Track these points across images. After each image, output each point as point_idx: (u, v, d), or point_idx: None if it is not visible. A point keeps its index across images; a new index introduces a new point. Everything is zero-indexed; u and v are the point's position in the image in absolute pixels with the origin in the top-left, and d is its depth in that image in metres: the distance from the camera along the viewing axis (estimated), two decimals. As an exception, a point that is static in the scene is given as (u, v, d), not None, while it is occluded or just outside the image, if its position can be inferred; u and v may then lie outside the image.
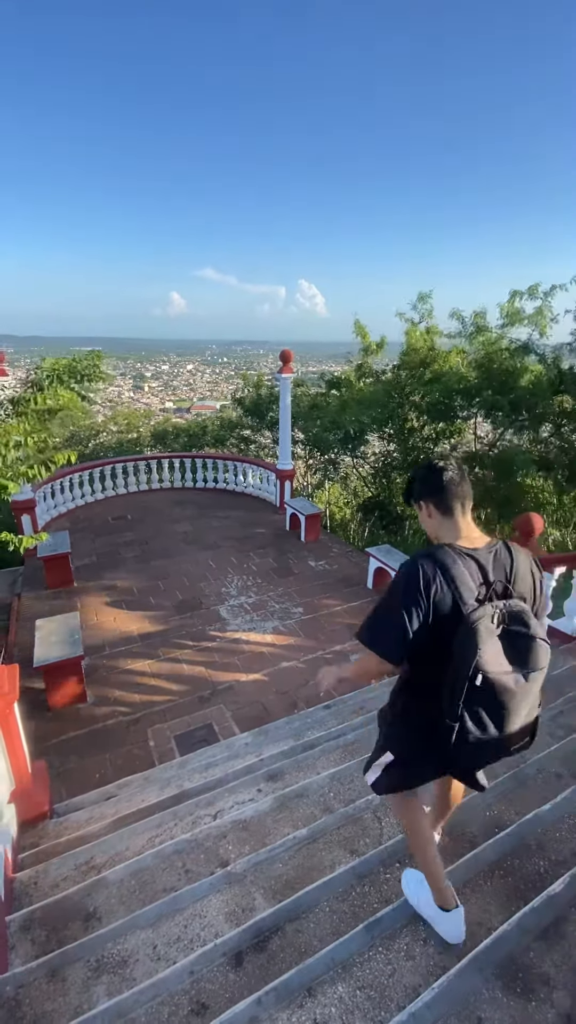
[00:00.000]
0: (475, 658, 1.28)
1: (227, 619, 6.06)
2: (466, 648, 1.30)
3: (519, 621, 1.34)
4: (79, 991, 1.84)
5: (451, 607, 1.35)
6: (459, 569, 1.37)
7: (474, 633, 1.29)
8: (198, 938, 2.01)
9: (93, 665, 5.15)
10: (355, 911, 2.02)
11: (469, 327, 12.92)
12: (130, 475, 10.60)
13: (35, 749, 3.69)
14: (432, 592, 1.34)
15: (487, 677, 1.29)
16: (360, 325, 15.15)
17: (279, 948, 1.89)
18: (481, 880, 2.06)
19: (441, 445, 14.66)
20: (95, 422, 21.70)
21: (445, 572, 1.36)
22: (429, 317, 14.06)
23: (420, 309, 14.07)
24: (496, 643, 1.32)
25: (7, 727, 2.81)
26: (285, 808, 2.72)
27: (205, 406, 59.69)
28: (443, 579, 1.35)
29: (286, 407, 9.49)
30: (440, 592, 1.34)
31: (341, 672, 1.73)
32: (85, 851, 2.63)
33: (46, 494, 8.96)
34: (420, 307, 14.02)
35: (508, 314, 12.25)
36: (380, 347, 15.50)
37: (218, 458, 11.37)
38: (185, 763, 3.73)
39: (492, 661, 1.30)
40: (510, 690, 1.31)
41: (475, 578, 1.38)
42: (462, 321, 13.05)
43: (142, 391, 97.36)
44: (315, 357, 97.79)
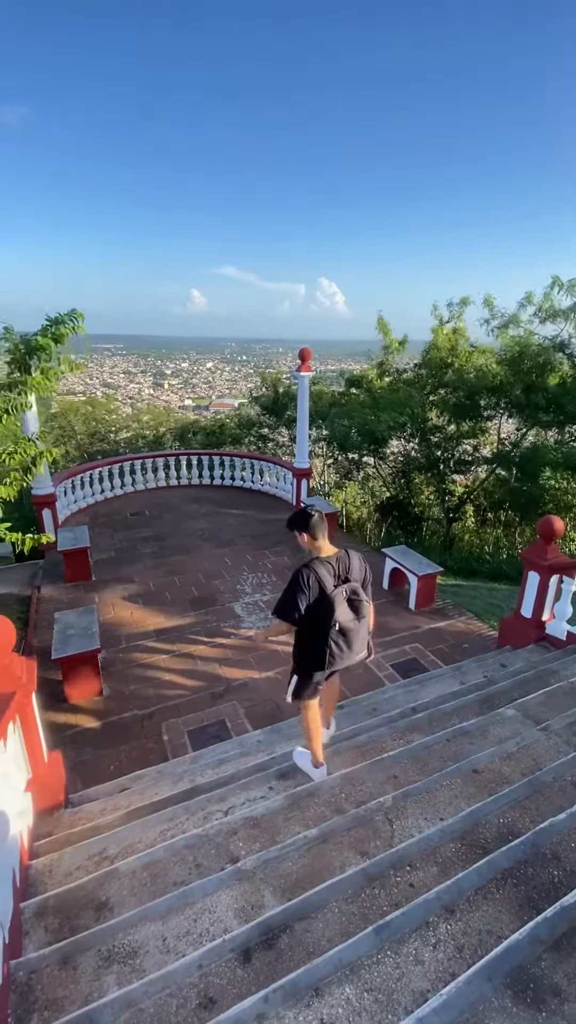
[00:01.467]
0: (334, 615, 2.49)
1: (242, 616, 6.08)
2: (331, 610, 2.48)
3: (355, 593, 2.57)
4: (90, 979, 1.87)
5: (320, 590, 2.51)
6: (322, 570, 2.53)
7: (333, 601, 2.49)
8: (207, 933, 2.02)
9: (109, 659, 5.22)
10: (364, 913, 2.01)
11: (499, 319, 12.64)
12: (149, 472, 10.71)
13: (51, 740, 3.76)
14: (311, 584, 2.50)
15: (341, 624, 2.51)
16: (383, 322, 15.02)
17: (287, 946, 1.90)
18: (493, 887, 2.03)
19: (464, 445, 14.48)
20: (118, 418, 21.99)
21: (316, 572, 2.52)
22: (459, 319, 13.87)
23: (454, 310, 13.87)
24: (345, 605, 2.53)
25: (25, 717, 2.86)
26: (296, 807, 2.73)
27: (223, 404, 59.95)
28: (315, 577, 2.51)
29: (304, 405, 9.48)
30: (314, 583, 2.50)
31: (267, 633, 2.89)
32: (98, 841, 2.67)
33: (67, 489, 9.11)
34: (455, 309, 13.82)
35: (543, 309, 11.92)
36: (403, 345, 15.35)
37: (235, 456, 11.41)
38: (198, 758, 3.76)
39: (343, 615, 2.52)
40: (353, 629, 2.57)
41: (331, 573, 2.55)
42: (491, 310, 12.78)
43: (162, 388, 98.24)
44: (334, 355, 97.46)
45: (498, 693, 3.91)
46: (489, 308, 12.82)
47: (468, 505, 15.12)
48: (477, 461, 14.47)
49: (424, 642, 5.55)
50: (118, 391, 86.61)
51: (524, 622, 4.99)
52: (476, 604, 6.73)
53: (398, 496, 15.67)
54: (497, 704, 3.75)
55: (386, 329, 15.13)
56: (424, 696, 4.18)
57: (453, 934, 1.86)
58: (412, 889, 2.10)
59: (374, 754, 3.20)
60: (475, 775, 2.86)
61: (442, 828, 2.37)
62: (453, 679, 4.53)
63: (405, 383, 14.53)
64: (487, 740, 3.25)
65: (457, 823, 2.41)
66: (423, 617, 6.08)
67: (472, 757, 2.98)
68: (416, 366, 15.12)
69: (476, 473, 15.06)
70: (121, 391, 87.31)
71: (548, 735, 3.19)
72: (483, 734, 3.32)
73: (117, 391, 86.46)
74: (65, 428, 18.28)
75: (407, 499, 15.55)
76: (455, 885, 2.00)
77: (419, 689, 4.38)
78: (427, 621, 5.99)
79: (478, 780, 2.82)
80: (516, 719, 3.45)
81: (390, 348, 15.29)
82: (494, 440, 14.70)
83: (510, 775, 2.85)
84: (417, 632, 5.76)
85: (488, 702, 3.81)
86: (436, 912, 1.92)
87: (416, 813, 2.59)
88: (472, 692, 4.02)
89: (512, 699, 3.76)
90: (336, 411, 13.85)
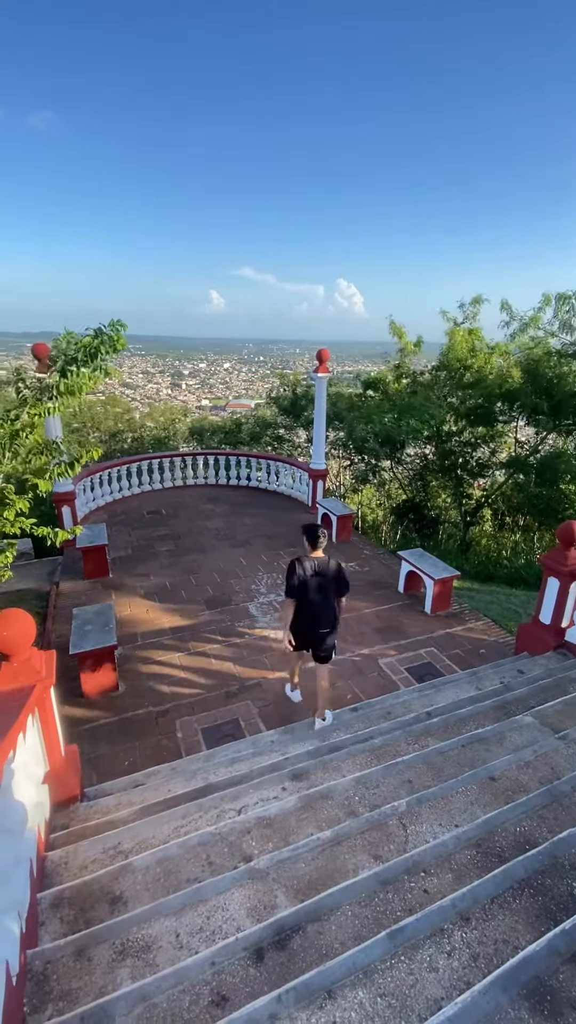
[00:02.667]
0: (308, 593, 3.71)
1: (256, 616, 6.09)
2: (305, 587, 3.70)
3: (322, 576, 3.76)
4: (104, 972, 1.89)
5: (300, 577, 3.68)
6: (306, 563, 3.74)
7: (306, 583, 3.70)
8: (220, 930, 2.03)
9: (125, 655, 5.28)
10: (378, 917, 2.00)
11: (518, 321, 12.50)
12: (166, 471, 10.81)
13: (68, 734, 3.80)
14: (298, 571, 3.70)
15: (309, 598, 3.73)
16: (396, 326, 14.93)
17: (300, 948, 1.89)
18: (509, 897, 2.00)
19: (480, 450, 14.33)
20: (133, 418, 22.23)
21: (301, 563, 3.73)
22: (474, 320, 13.74)
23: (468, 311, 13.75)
24: (316, 590, 3.73)
25: (43, 711, 2.91)
26: (309, 808, 2.72)
27: (240, 404, 60.19)
28: (300, 566, 3.71)
29: (321, 407, 9.47)
30: (301, 571, 3.70)
31: (283, 626, 3.94)
32: (113, 836, 2.69)
33: (86, 487, 9.23)
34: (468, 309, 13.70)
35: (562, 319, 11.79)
36: (417, 347, 15.25)
37: (251, 456, 11.45)
38: (211, 756, 3.77)
39: (312, 593, 3.73)
40: (317, 603, 3.76)
41: (311, 567, 3.74)
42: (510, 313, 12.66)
43: (179, 388, 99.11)
44: (351, 356, 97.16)
45: (515, 700, 3.85)
46: (507, 312, 12.69)
47: (485, 509, 14.95)
48: (494, 465, 14.30)
49: (440, 646, 5.50)
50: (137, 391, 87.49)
51: (543, 628, 4.91)
52: (493, 609, 6.65)
53: (414, 499, 15.56)
54: (514, 711, 3.70)
55: (400, 332, 15.04)
56: (439, 701, 4.14)
57: (468, 942, 1.84)
58: (427, 895, 2.08)
59: (388, 758, 3.18)
60: (491, 782, 2.82)
61: (457, 835, 2.35)
62: (469, 684, 4.48)
63: (422, 385, 14.42)
64: (504, 747, 3.21)
65: (473, 830, 2.38)
66: (439, 621, 6.02)
67: (488, 764, 2.94)
68: (433, 368, 15.01)
69: (494, 477, 14.89)
70: (140, 391, 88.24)
71: (567, 744, 3.14)
72: (500, 741, 3.27)
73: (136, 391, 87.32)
74: (85, 428, 18.54)
75: (423, 502, 15.43)
76: (470, 893, 1.98)
77: (434, 694, 4.34)
78: (443, 625, 5.93)
79: (494, 788, 2.78)
80: (534, 727, 3.40)
81: (406, 350, 15.20)
82: (511, 444, 14.51)
83: (527, 783, 2.81)
84: (432, 636, 5.71)
85: (505, 709, 3.76)
86: (451, 919, 1.90)
87: (431, 819, 2.56)
88: (489, 698, 3.97)
89: (529, 706, 3.70)
90: (354, 415, 13.81)
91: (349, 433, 14.02)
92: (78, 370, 4.18)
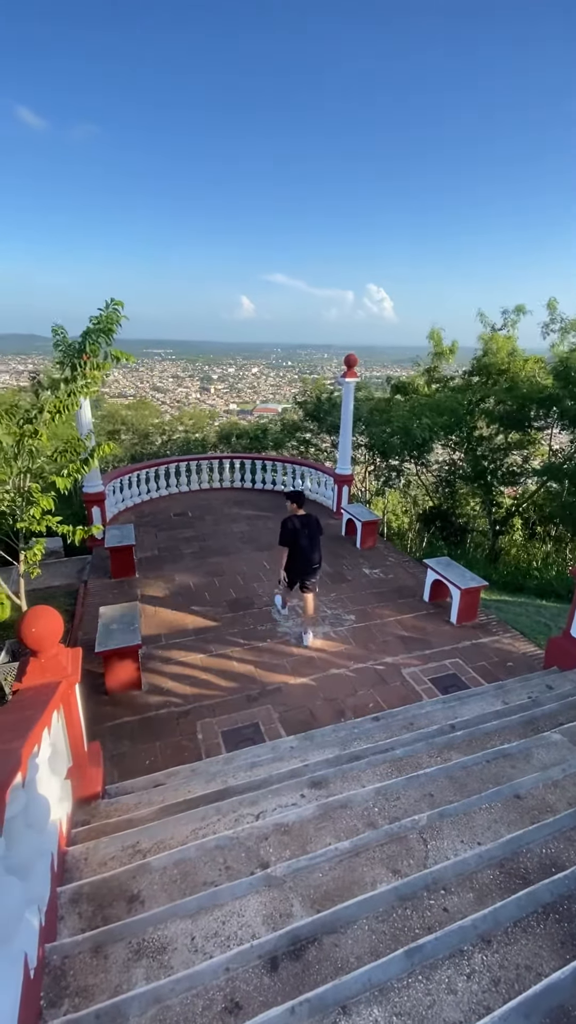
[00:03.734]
0: (300, 540, 5.15)
1: (278, 620, 6.09)
2: (296, 537, 5.14)
3: (308, 528, 5.24)
4: (119, 970, 1.90)
5: (291, 529, 5.15)
6: (295, 520, 5.22)
7: (298, 532, 5.14)
8: (235, 936, 2.02)
9: (149, 654, 5.35)
10: (395, 933, 1.95)
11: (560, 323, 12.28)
12: (193, 474, 10.94)
13: (91, 730, 3.88)
14: (290, 526, 5.17)
15: (300, 545, 5.17)
16: (435, 331, 14.85)
17: (315, 959, 1.87)
18: (533, 921, 1.93)
19: (513, 455, 14.03)
20: (163, 421, 22.61)
21: (292, 520, 5.21)
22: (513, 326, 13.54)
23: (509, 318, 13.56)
24: (305, 537, 5.18)
25: (68, 707, 2.97)
26: (328, 817, 2.69)
27: (267, 408, 60.54)
28: (291, 522, 5.18)
29: (348, 412, 9.43)
30: (293, 525, 5.16)
31: (278, 567, 5.36)
32: (132, 834, 2.72)
33: (115, 488, 9.43)
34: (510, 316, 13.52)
35: None
36: (452, 352, 15.09)
37: (277, 460, 11.49)
38: (231, 759, 3.78)
39: (303, 542, 5.17)
40: (306, 547, 5.20)
41: (299, 522, 5.22)
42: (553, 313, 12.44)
43: (208, 392, 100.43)
44: (380, 361, 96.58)
45: (543, 716, 3.73)
46: (551, 311, 12.45)
47: (516, 518, 14.61)
48: (526, 473, 13.97)
49: (465, 658, 5.38)
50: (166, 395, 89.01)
51: (574, 643, 4.75)
52: (522, 621, 6.47)
53: (441, 506, 15.33)
54: (542, 727, 3.58)
55: (438, 338, 14.93)
56: (464, 714, 4.05)
57: (489, 965, 1.78)
58: (446, 914, 2.02)
59: (409, 770, 3.12)
60: (517, 801, 2.73)
61: (480, 853, 2.28)
62: (495, 698, 4.36)
63: (453, 390, 14.23)
64: (530, 765, 3.11)
65: (496, 849, 2.30)
66: (465, 632, 5.90)
67: (514, 782, 2.85)
68: (466, 373, 14.80)
69: (525, 485, 14.53)
70: (169, 395, 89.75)
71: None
72: (526, 758, 3.17)
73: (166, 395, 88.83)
74: (113, 429, 18.94)
75: (451, 509, 15.18)
76: (492, 914, 1.91)
77: (459, 706, 4.24)
78: (469, 636, 5.81)
79: (520, 806, 2.69)
80: (563, 745, 3.28)
81: (441, 355, 15.05)
82: (545, 452, 14.15)
83: (555, 804, 2.71)
84: (458, 647, 5.59)
85: (532, 725, 3.64)
86: (471, 941, 1.85)
87: (452, 835, 2.50)
88: (515, 713, 3.86)
89: (559, 723, 3.58)
90: (378, 416, 13.72)
91: (372, 435, 13.92)
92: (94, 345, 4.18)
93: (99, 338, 4.33)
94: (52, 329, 4.55)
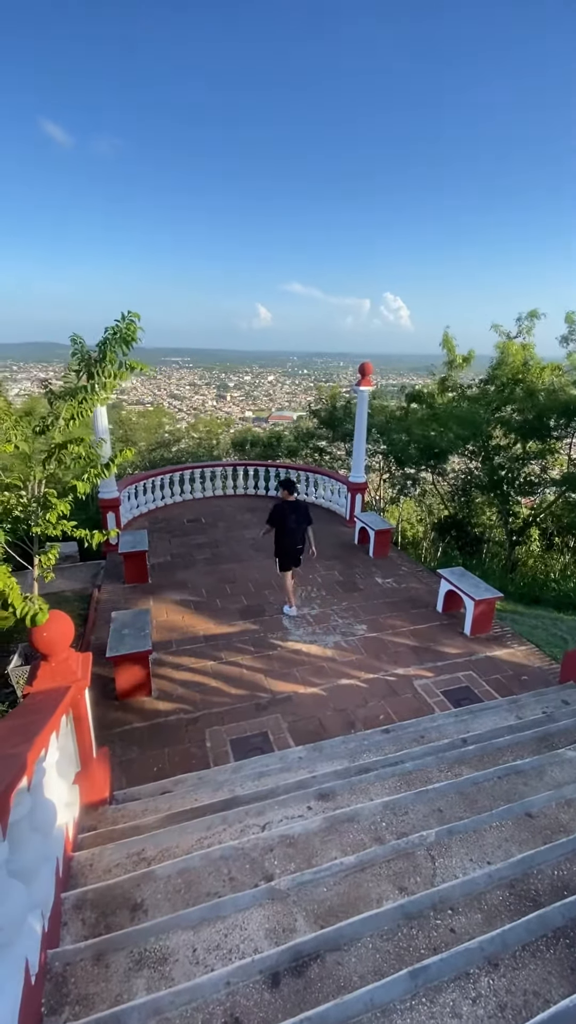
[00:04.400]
0: (287, 522, 5.95)
1: (289, 629, 6.07)
2: (284, 519, 5.95)
3: (296, 513, 6.01)
4: (120, 980, 1.89)
5: (280, 510, 5.97)
6: (285, 506, 5.99)
7: (285, 514, 5.95)
8: (237, 950, 1.99)
9: (159, 660, 5.36)
10: (400, 953, 1.91)
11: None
12: (207, 480, 11.02)
13: (101, 736, 3.89)
14: (279, 511, 5.97)
15: (287, 526, 5.96)
16: (449, 338, 14.77)
17: (317, 977, 1.84)
18: (543, 945, 1.87)
19: (531, 465, 13.84)
20: (179, 428, 22.86)
21: (282, 507, 5.99)
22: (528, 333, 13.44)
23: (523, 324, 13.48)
24: (292, 519, 5.96)
25: (77, 711, 2.98)
26: (334, 830, 2.65)
27: (282, 416, 60.81)
28: (281, 508, 5.98)
29: (362, 420, 9.42)
30: (281, 508, 5.97)
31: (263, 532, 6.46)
32: (138, 841, 2.71)
33: (130, 494, 9.53)
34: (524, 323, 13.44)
35: None
36: (467, 361, 15.00)
37: (290, 468, 11.50)
38: (239, 769, 3.76)
39: (289, 523, 5.96)
40: (295, 529, 6.01)
41: (288, 507, 5.98)
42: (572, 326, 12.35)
43: (224, 400, 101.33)
44: (396, 370, 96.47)
45: (559, 732, 3.64)
46: (570, 324, 12.34)
47: (533, 528, 14.38)
48: (545, 482, 13.76)
49: (479, 670, 5.29)
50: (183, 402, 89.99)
51: (591, 657, 4.64)
52: (538, 634, 6.35)
53: (457, 515, 15.16)
54: (557, 744, 3.49)
55: (451, 345, 14.85)
56: (476, 728, 3.97)
57: (495, 990, 1.73)
58: (453, 935, 1.97)
59: (419, 784, 3.07)
60: (528, 819, 2.66)
61: (489, 872, 2.22)
62: (509, 712, 4.28)
63: (469, 399, 14.12)
64: (543, 782, 3.03)
65: (506, 869, 2.25)
66: (479, 644, 5.80)
67: (526, 799, 2.78)
68: (481, 382, 14.69)
69: (543, 495, 14.31)
70: (186, 402, 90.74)
71: (614, 784, 2.93)
72: (539, 775, 3.10)
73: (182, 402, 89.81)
74: (129, 436, 19.18)
75: (466, 518, 15.01)
76: (500, 937, 1.86)
77: (471, 720, 4.17)
78: (483, 648, 5.71)
79: (532, 825, 2.63)
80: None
81: (455, 363, 14.97)
82: (564, 461, 13.93)
83: (568, 824, 2.64)
84: (472, 659, 5.50)
85: (547, 741, 3.56)
86: (478, 963, 1.80)
87: (461, 853, 2.44)
88: (529, 728, 3.78)
89: (574, 740, 3.49)
90: (394, 425, 13.66)
91: (389, 443, 13.84)
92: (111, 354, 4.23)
93: (116, 348, 4.40)
94: (71, 339, 4.64)
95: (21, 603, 3.05)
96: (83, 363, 4.47)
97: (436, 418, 13.32)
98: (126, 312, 4.47)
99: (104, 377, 4.37)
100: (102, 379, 4.38)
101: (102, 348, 4.38)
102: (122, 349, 4.41)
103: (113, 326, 4.41)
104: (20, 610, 2.98)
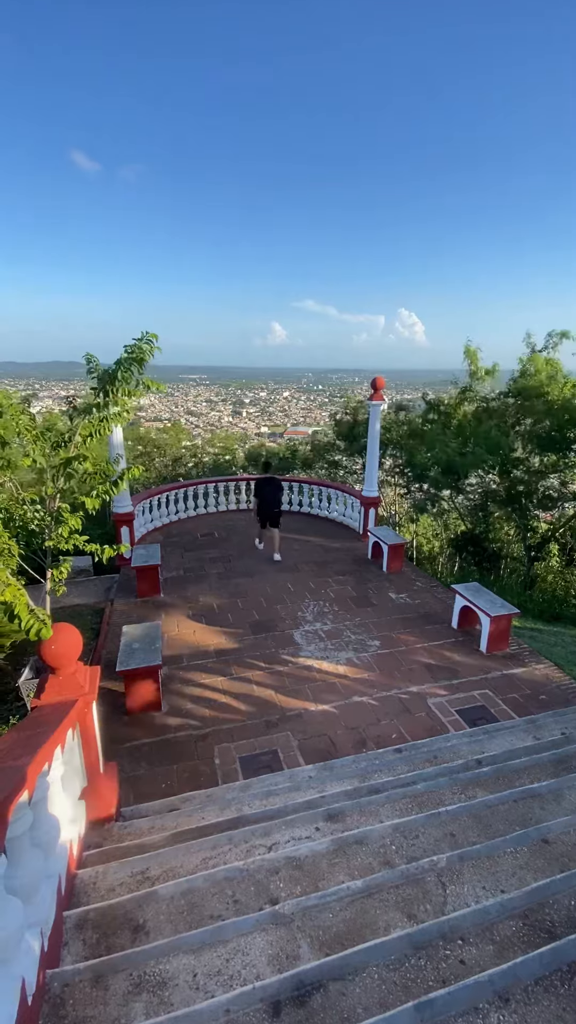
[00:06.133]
0: (263, 493, 8.24)
1: (300, 644, 6.01)
2: (263, 491, 8.23)
3: (273, 486, 8.27)
4: (119, 1004, 1.85)
5: (257, 486, 8.29)
6: (262, 479, 8.32)
7: (262, 487, 8.24)
8: (238, 976, 1.94)
9: (170, 675, 5.35)
10: (406, 984, 1.83)
11: None
12: (221, 495, 11.08)
13: (109, 751, 3.88)
14: (258, 485, 8.29)
15: (263, 496, 8.24)
16: (471, 350, 14.72)
17: (320, 1007, 1.77)
18: (557, 980, 1.78)
19: (550, 479, 13.63)
20: (195, 444, 23.14)
21: (258, 481, 8.35)
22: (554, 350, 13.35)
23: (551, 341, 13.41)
24: (268, 491, 8.23)
25: (84, 725, 2.98)
26: (342, 853, 2.58)
27: (297, 431, 61.15)
28: (257, 483, 8.33)
29: (374, 434, 9.41)
30: (260, 485, 8.27)
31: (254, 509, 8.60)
32: (143, 860, 2.67)
33: (144, 509, 9.63)
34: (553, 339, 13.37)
35: None
36: (490, 374, 14.89)
37: (303, 482, 11.51)
38: (247, 787, 3.70)
39: (267, 494, 8.23)
40: (270, 501, 8.22)
41: (264, 480, 8.28)
42: None
43: (240, 416, 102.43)
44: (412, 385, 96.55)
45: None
46: None
47: (553, 544, 14.10)
48: (565, 497, 13.52)
49: (495, 689, 5.15)
50: (200, 418, 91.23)
51: (611, 676, 4.49)
52: (557, 652, 6.18)
53: (474, 530, 14.95)
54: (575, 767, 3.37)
55: (475, 357, 14.78)
56: (491, 749, 3.85)
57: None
58: (463, 967, 1.89)
59: (431, 806, 2.98)
60: (545, 846, 2.56)
61: (502, 901, 2.13)
62: (526, 733, 4.15)
63: (489, 413, 14.02)
64: (561, 807, 2.92)
65: (520, 898, 2.15)
66: (495, 662, 5.66)
67: (543, 824, 2.67)
68: (501, 395, 14.59)
69: (563, 509, 14.05)
70: (203, 418, 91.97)
71: None
72: (557, 799, 2.98)
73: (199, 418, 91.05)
74: (146, 451, 19.47)
75: (484, 534, 14.79)
76: (512, 970, 1.77)
77: (486, 740, 4.05)
78: (499, 666, 5.57)
79: (548, 852, 2.52)
80: (597, 787, 3.07)
81: (476, 375, 14.88)
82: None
83: (588, 851, 2.52)
84: (487, 678, 5.36)
85: (565, 763, 3.43)
86: (488, 998, 1.71)
87: (473, 880, 2.35)
88: (547, 750, 3.65)
89: (594, 763, 3.36)
90: (414, 442, 13.59)
91: (408, 461, 13.74)
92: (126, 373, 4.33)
93: (131, 367, 4.50)
94: (85, 357, 4.75)
95: (27, 616, 3.08)
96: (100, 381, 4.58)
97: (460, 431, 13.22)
98: (144, 332, 4.59)
99: (120, 395, 4.47)
100: (116, 397, 4.47)
101: (117, 367, 4.48)
102: (136, 368, 4.51)
103: (130, 345, 4.53)
104: (24, 624, 3.01)
